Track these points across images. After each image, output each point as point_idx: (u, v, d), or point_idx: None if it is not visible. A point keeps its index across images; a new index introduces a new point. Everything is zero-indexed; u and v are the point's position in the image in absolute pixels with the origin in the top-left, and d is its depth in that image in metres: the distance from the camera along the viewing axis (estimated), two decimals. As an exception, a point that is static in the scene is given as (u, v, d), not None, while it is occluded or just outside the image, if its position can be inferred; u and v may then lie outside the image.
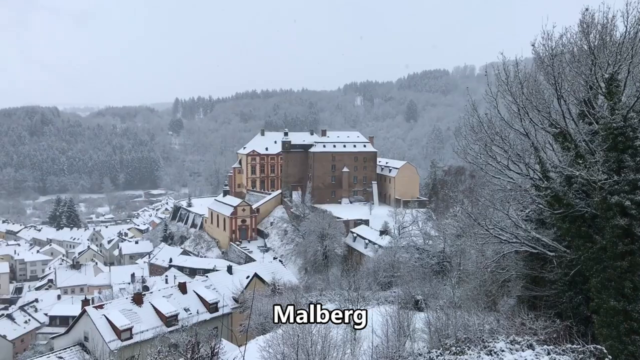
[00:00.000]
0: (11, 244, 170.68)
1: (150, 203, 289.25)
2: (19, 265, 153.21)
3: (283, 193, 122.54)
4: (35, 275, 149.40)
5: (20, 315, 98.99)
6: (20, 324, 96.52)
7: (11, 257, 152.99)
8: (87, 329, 46.55)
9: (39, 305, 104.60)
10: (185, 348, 16.24)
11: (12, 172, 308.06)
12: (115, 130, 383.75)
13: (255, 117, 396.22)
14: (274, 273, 62.71)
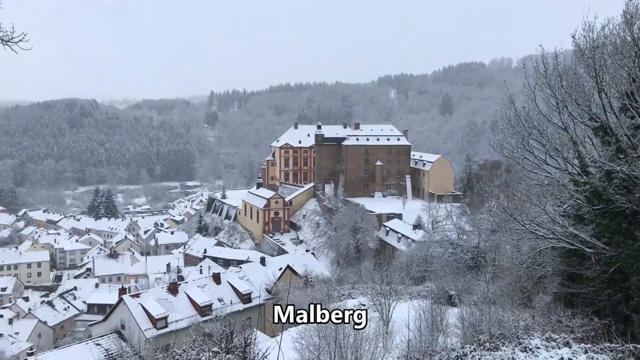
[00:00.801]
0: (51, 233, 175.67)
1: (185, 194, 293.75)
2: (59, 254, 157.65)
3: (316, 186, 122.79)
4: (74, 264, 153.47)
5: (60, 303, 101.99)
6: (60, 311, 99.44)
7: (51, 245, 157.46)
8: (124, 317, 47.59)
9: (77, 293, 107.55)
10: (219, 338, 16.46)
11: (52, 163, 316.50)
12: (152, 122, 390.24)
13: (288, 110, 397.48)
14: (306, 265, 63.05)
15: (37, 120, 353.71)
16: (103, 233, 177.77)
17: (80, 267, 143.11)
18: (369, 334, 22.31)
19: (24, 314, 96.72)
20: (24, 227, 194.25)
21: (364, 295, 40.53)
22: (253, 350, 15.55)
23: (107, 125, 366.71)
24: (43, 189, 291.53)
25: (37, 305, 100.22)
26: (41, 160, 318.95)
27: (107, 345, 43.71)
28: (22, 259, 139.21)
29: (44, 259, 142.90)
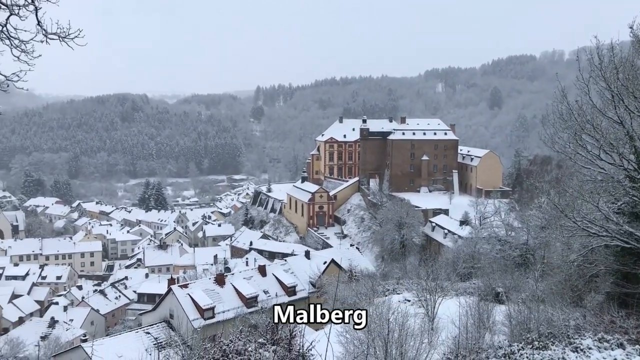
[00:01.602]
0: (104, 224, 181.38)
1: (232, 188, 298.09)
2: (111, 245, 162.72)
3: (360, 180, 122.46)
4: (126, 254, 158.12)
5: (111, 292, 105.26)
6: (112, 300, 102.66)
7: (104, 236, 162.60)
8: (173, 307, 48.76)
9: (128, 282, 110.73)
10: (265, 329, 16.68)
11: (105, 156, 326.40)
12: (200, 117, 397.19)
13: (333, 105, 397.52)
14: (350, 260, 63.05)
15: (90, 114, 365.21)
16: (153, 224, 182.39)
17: (131, 258, 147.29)
18: (414, 329, 22.19)
19: (77, 302, 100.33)
20: (78, 218, 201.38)
21: (409, 290, 40.24)
22: (298, 342, 15.70)
23: (158, 120, 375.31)
24: (96, 181, 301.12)
25: (90, 293, 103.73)
26: (94, 153, 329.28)
27: (156, 334, 44.88)
28: (76, 248, 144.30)
29: (97, 249, 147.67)
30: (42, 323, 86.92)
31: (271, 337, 15.11)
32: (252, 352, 13.26)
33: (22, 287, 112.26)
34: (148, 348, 38.24)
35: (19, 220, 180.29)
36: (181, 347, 29.71)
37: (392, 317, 22.80)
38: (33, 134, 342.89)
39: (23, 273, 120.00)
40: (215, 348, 13.45)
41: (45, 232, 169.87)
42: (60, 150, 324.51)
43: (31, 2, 9.52)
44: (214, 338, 33.18)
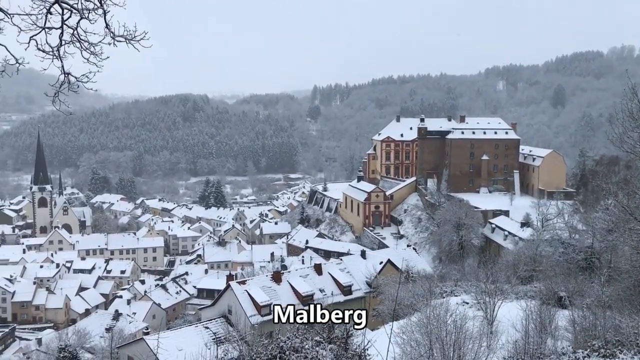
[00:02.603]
0: (166, 221, 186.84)
1: (288, 186, 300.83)
2: (172, 240, 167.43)
3: (418, 180, 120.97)
4: (186, 250, 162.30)
5: (172, 286, 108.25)
6: (172, 294, 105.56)
7: (166, 232, 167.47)
8: (231, 303, 49.66)
9: (188, 278, 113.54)
10: (322, 327, 16.73)
11: (167, 155, 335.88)
12: (258, 116, 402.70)
13: (390, 103, 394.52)
14: (407, 260, 62.41)
15: (154, 114, 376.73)
16: (212, 222, 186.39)
17: (191, 254, 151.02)
18: (473, 332, 21.78)
19: (140, 295, 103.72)
20: (141, 214, 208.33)
21: (468, 293, 39.56)
22: (355, 341, 15.67)
23: (217, 119, 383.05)
24: (159, 179, 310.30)
25: (152, 288, 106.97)
26: (157, 152, 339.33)
27: (215, 329, 45.83)
28: (139, 244, 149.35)
29: (159, 244, 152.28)
30: (107, 315, 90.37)
31: (328, 336, 15.13)
32: (309, 350, 13.32)
33: (88, 281, 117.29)
34: (207, 343, 39.18)
35: (86, 216, 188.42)
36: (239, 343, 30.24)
37: (450, 319, 22.45)
38: (100, 133, 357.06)
39: (89, 267, 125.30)
40: (272, 345, 13.61)
41: (110, 227, 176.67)
42: (125, 149, 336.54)
43: (100, 5, 9.85)
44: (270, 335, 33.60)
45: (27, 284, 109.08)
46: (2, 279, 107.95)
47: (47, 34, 9.70)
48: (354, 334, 16.84)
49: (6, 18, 9.24)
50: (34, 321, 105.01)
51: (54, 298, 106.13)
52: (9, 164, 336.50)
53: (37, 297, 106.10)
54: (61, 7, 9.53)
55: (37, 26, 9.52)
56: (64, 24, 9.71)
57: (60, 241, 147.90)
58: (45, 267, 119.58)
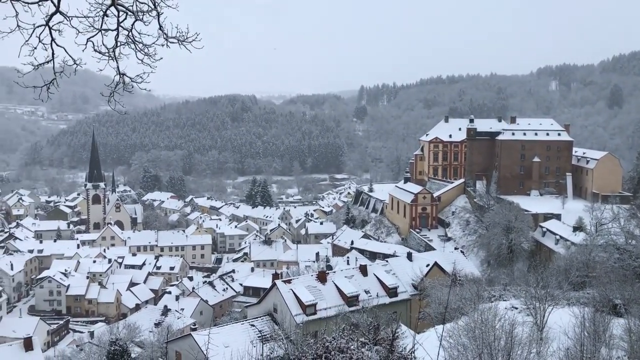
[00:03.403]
0: (214, 219, 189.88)
1: (334, 187, 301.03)
2: (220, 238, 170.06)
3: (466, 182, 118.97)
4: (233, 248, 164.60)
5: (219, 284, 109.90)
6: (219, 292, 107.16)
7: (213, 230, 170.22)
8: (276, 302, 50.02)
9: (235, 275, 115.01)
10: (367, 329, 16.67)
11: (216, 154, 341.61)
12: (304, 117, 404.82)
13: (439, 104, 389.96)
14: (454, 263, 61.48)
15: (203, 114, 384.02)
16: (259, 220, 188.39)
17: (238, 252, 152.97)
18: (522, 338, 21.28)
19: (188, 292, 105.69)
20: (190, 212, 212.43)
21: (517, 297, 38.70)
22: (401, 344, 15.54)
23: (265, 120, 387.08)
24: (207, 177, 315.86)
25: (200, 284, 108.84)
26: (206, 151, 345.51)
27: (260, 327, 46.28)
28: (188, 241, 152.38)
29: (207, 242, 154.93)
30: (156, 311, 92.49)
31: (373, 337, 15.06)
32: (354, 350, 13.27)
33: (139, 276, 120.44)
34: (253, 340, 39.60)
35: (137, 213, 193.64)
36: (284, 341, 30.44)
37: (499, 324, 22.00)
38: (152, 132, 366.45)
39: (140, 263, 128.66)
40: (318, 344, 13.62)
41: (160, 224, 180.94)
42: (176, 148, 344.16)
43: (154, 7, 10.07)
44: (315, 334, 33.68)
45: (81, 278, 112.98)
46: (57, 272, 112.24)
47: (103, 35, 9.98)
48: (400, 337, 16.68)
49: (65, 20, 9.54)
50: (87, 314, 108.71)
51: (105, 292, 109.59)
52: (65, 162, 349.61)
53: (90, 291, 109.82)
54: (117, 10, 9.79)
55: (94, 28, 9.81)
56: (119, 25, 9.97)
57: (112, 237, 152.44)
58: (98, 262, 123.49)
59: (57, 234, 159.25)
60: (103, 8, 9.70)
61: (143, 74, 10.57)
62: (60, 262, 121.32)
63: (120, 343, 41.05)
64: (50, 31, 9.55)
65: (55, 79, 10.04)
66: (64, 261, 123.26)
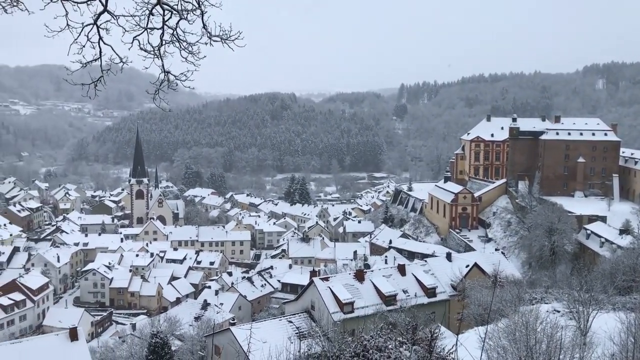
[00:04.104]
0: (253, 216, 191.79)
1: (372, 185, 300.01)
2: (259, 235, 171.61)
3: (508, 182, 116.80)
4: (271, 245, 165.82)
5: (258, 279, 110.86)
6: (258, 287, 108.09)
7: (252, 226, 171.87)
8: (314, 299, 50.16)
9: (273, 272, 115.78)
10: (405, 328, 16.55)
11: (255, 152, 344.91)
12: (344, 115, 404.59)
13: (481, 102, 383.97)
14: (495, 265, 60.35)
15: (244, 112, 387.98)
16: (297, 218, 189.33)
17: (276, 248, 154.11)
18: (564, 342, 20.79)
19: (227, 287, 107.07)
20: (230, 208, 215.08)
21: (559, 301, 37.83)
22: (439, 344, 15.39)
23: (304, 118, 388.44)
24: (247, 175, 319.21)
25: (239, 280, 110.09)
26: (246, 148, 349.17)
27: (298, 324, 46.49)
28: (227, 237, 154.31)
29: (246, 238, 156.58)
30: (196, 305, 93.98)
31: (411, 337, 14.95)
32: (392, 349, 13.22)
33: (180, 270, 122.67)
34: (290, 337, 39.86)
35: (179, 209, 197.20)
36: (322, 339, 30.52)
37: (540, 327, 21.56)
38: (193, 129, 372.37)
39: (181, 257, 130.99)
40: (356, 342, 13.62)
41: (201, 220, 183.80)
42: (217, 145, 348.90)
43: (198, 6, 10.22)
44: (353, 332, 33.66)
45: (124, 272, 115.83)
46: (101, 265, 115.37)
47: (149, 34, 10.19)
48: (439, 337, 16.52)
49: (112, 19, 9.78)
50: (129, 307, 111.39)
51: (147, 286, 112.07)
52: (110, 158, 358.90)
53: (133, 284, 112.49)
54: (162, 9, 9.98)
55: (140, 27, 10.02)
56: (164, 24, 10.16)
57: (154, 232, 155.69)
58: (140, 256, 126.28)
59: (101, 227, 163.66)
60: (149, 7, 9.90)
61: (187, 72, 10.74)
62: (105, 255, 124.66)
63: (161, 336, 41.86)
64: (98, 30, 9.80)
65: (102, 76, 10.32)
66: (107, 254, 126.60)
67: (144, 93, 11.98)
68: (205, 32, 10.46)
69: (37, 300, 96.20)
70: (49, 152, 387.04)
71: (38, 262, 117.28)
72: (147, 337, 48.00)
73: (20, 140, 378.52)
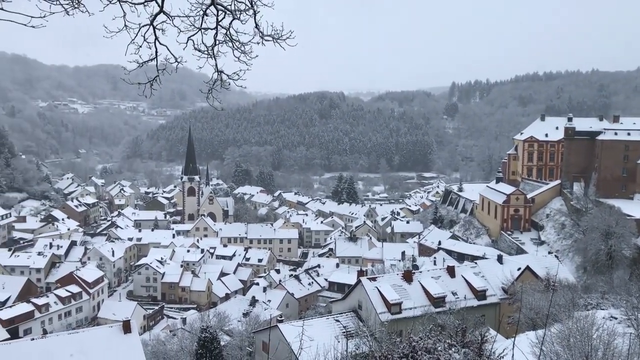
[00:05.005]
0: (300, 214, 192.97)
1: (421, 185, 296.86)
2: (306, 233, 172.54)
3: (562, 184, 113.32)
4: (318, 243, 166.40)
5: (305, 278, 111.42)
6: (305, 285, 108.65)
7: (300, 225, 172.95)
8: (361, 298, 50.06)
9: (320, 270, 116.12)
10: (455, 330, 16.30)
11: (303, 151, 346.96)
12: (393, 114, 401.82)
13: (535, 101, 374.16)
14: (548, 268, 58.86)
15: (293, 111, 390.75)
16: (344, 217, 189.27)
17: (323, 247, 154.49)
18: (622, 350, 20.05)
19: (275, 284, 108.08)
20: (278, 206, 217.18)
21: (616, 307, 36.44)
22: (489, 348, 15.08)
23: (352, 116, 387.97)
24: (295, 173, 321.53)
25: (286, 278, 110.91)
26: (295, 147, 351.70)
27: (345, 323, 46.50)
28: (275, 235, 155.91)
29: (294, 236, 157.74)
30: (244, 301, 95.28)
31: (461, 340, 14.70)
32: (442, 352, 13.03)
33: (229, 267, 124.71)
34: (337, 336, 39.86)
35: (229, 206, 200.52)
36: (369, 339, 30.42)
37: (596, 333, 20.87)
38: (243, 128, 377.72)
39: (230, 254, 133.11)
40: (404, 343, 13.49)
41: (250, 217, 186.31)
42: (266, 144, 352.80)
43: (250, 6, 10.34)
44: (400, 333, 33.40)
45: (175, 267, 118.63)
46: (154, 260, 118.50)
47: (203, 34, 10.38)
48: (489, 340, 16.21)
49: (168, 20, 10.01)
50: (180, 301, 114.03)
51: (198, 281, 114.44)
52: (163, 155, 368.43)
53: (184, 279, 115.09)
54: (216, 9, 10.15)
55: (194, 27, 10.23)
56: (218, 24, 10.33)
57: (205, 228, 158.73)
58: (191, 252, 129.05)
59: (154, 223, 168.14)
60: (203, 7, 10.08)
61: (239, 72, 10.89)
62: (157, 251, 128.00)
63: (210, 330, 42.57)
64: (154, 30, 10.04)
65: (158, 76, 10.58)
66: (160, 250, 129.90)
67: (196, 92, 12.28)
68: (257, 31, 10.57)
69: (92, 293, 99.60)
70: (105, 150, 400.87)
71: (94, 256, 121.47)
72: (197, 332, 48.93)
73: (78, 138, 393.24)
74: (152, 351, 58.80)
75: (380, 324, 44.29)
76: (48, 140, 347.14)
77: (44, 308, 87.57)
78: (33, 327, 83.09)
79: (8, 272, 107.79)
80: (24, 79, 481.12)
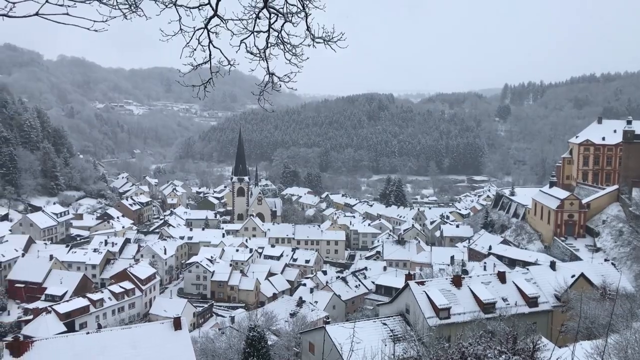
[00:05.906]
0: (348, 216, 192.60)
1: (472, 189, 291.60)
2: (353, 235, 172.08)
3: (620, 189, 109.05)
4: (366, 246, 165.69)
5: (352, 280, 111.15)
6: (352, 288, 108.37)
7: (347, 227, 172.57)
8: (409, 302, 49.54)
9: (367, 273, 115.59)
10: (505, 337, 15.93)
11: (351, 152, 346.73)
12: (443, 116, 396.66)
13: (591, 103, 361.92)
14: (604, 276, 56.77)
15: (341, 113, 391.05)
16: (392, 220, 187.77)
17: (370, 250, 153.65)
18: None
19: (322, 285, 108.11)
20: (325, 208, 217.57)
21: (678, 319, 34.74)
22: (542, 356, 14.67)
23: (401, 118, 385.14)
24: (342, 175, 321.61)
25: (333, 279, 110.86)
26: (342, 149, 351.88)
27: (392, 326, 46.15)
28: (322, 236, 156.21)
29: (341, 238, 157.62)
30: (291, 301, 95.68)
31: (512, 347, 14.35)
32: (492, 359, 12.77)
33: (276, 267, 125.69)
34: (384, 339, 39.64)
35: (277, 207, 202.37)
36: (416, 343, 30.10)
37: (656, 346, 20.02)
38: (292, 130, 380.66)
39: (278, 254, 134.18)
40: (453, 349, 13.29)
41: (297, 218, 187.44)
42: (314, 146, 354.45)
43: (302, 9, 10.43)
44: (449, 339, 32.88)
45: (225, 266, 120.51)
46: (204, 259, 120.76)
47: (255, 37, 10.54)
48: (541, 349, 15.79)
49: (222, 23, 10.21)
50: (228, 300, 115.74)
51: (246, 280, 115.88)
52: (214, 156, 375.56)
53: (232, 278, 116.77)
54: (269, 12, 10.29)
55: (247, 30, 10.40)
56: (270, 27, 10.47)
57: (254, 228, 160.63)
58: (240, 251, 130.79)
59: (205, 222, 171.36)
60: (256, 11, 10.24)
61: (290, 74, 11.00)
62: (207, 249, 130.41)
63: (258, 330, 43.01)
64: (208, 33, 10.27)
65: (211, 78, 10.81)
66: (210, 248, 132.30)
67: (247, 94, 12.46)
68: (308, 34, 10.65)
69: (144, 290, 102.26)
70: (158, 150, 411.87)
71: (146, 253, 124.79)
72: (245, 330, 49.52)
73: (133, 139, 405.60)
74: (201, 348, 59.82)
75: (428, 328, 43.74)
76: (104, 141, 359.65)
77: (99, 303, 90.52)
78: (88, 322, 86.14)
79: (65, 267, 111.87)
80: (82, 81, 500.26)
